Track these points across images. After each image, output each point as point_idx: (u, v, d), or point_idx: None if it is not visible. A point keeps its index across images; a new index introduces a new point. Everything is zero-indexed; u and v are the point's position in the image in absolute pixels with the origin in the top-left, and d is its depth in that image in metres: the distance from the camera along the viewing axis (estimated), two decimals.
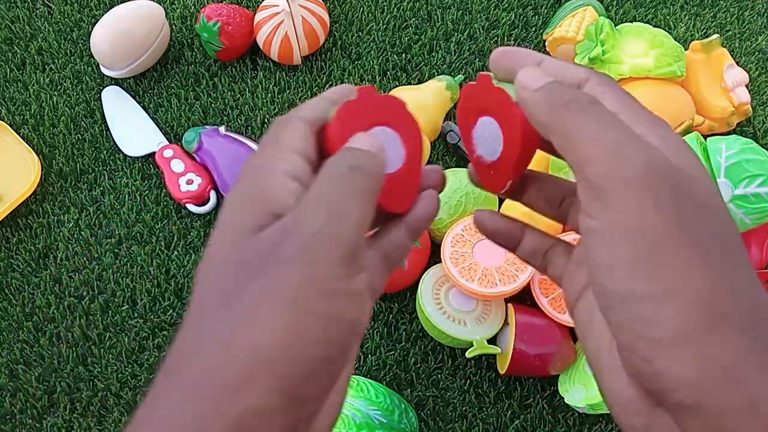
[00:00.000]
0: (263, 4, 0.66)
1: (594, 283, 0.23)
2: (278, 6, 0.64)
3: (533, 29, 0.69)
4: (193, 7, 0.72)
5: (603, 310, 0.23)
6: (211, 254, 0.23)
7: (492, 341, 0.56)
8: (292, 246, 0.21)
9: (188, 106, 0.68)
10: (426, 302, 0.55)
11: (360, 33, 0.70)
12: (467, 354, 0.54)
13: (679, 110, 0.60)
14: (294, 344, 0.20)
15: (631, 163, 0.22)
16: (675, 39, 0.63)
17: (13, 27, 0.72)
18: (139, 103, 0.69)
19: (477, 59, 0.69)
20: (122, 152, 0.66)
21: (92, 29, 0.66)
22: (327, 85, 0.68)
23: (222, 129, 0.65)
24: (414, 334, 0.60)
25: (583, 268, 0.26)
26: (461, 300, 0.57)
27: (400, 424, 0.52)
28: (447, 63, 0.69)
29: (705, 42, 0.63)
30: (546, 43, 0.68)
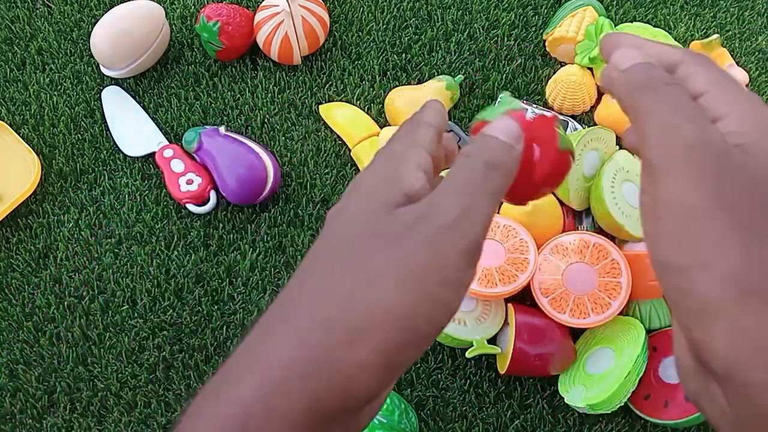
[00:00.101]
0: (263, 4, 0.66)
1: (648, 255, 0.25)
2: (278, 6, 0.64)
3: (533, 29, 0.69)
4: (193, 7, 0.72)
5: (657, 280, 0.24)
6: (344, 221, 0.26)
7: (492, 341, 0.56)
8: (425, 231, 0.24)
9: (188, 106, 0.68)
10: None
11: (360, 33, 0.70)
12: (467, 354, 0.54)
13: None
14: (406, 316, 0.23)
15: (681, 142, 0.23)
16: (675, 39, 0.63)
17: (13, 27, 0.72)
18: (139, 103, 0.69)
19: (477, 59, 0.69)
20: (122, 152, 0.66)
21: (92, 29, 0.66)
22: (327, 85, 0.68)
23: (222, 129, 0.65)
24: None
25: None
26: None
27: (400, 424, 0.52)
28: (447, 63, 0.69)
29: (705, 42, 0.63)
30: (546, 43, 0.68)
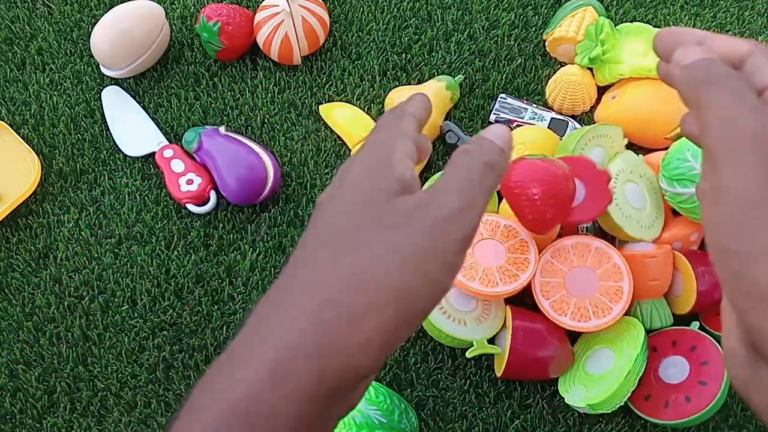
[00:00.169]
0: (263, 4, 0.66)
1: (706, 242, 0.25)
2: (278, 6, 0.64)
3: (533, 29, 0.69)
4: (193, 7, 0.72)
5: (714, 267, 0.25)
6: (340, 208, 0.28)
7: (491, 342, 0.56)
8: (425, 220, 0.26)
9: (188, 106, 0.68)
10: None
11: (360, 33, 0.70)
12: (467, 354, 0.54)
13: (679, 110, 0.59)
14: (406, 297, 0.25)
15: (741, 132, 0.24)
16: None
17: (13, 27, 0.72)
18: (139, 103, 0.69)
19: (477, 59, 0.69)
20: (122, 152, 0.66)
21: (92, 29, 0.66)
22: (327, 85, 0.68)
23: (222, 129, 0.65)
24: (414, 334, 0.60)
25: None
26: (461, 300, 0.57)
27: (400, 424, 0.52)
28: (447, 63, 0.69)
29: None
30: (546, 43, 0.68)
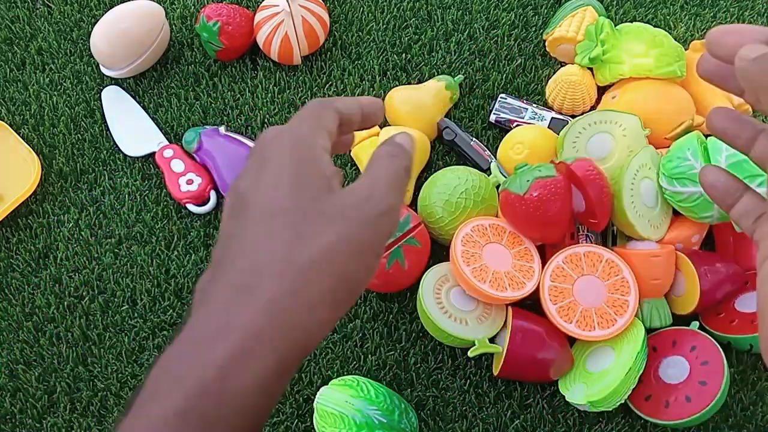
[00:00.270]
0: (263, 4, 0.66)
1: None
2: (278, 6, 0.64)
3: (533, 29, 0.69)
4: (193, 7, 0.72)
5: None
6: (277, 197, 0.30)
7: (492, 341, 0.56)
8: (366, 214, 0.30)
9: (188, 106, 0.68)
10: (427, 301, 0.55)
11: (360, 33, 0.70)
12: (470, 353, 0.54)
13: (679, 110, 0.60)
14: (352, 281, 0.29)
15: None
16: (675, 39, 0.63)
17: (13, 27, 0.72)
18: (139, 103, 0.69)
19: (477, 59, 0.69)
20: (122, 152, 0.66)
21: (92, 29, 0.66)
22: (327, 85, 0.68)
23: (222, 129, 0.65)
24: (414, 334, 0.60)
25: None
26: (462, 299, 0.57)
27: (400, 424, 0.52)
28: (447, 63, 0.69)
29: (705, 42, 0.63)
30: (546, 43, 0.68)
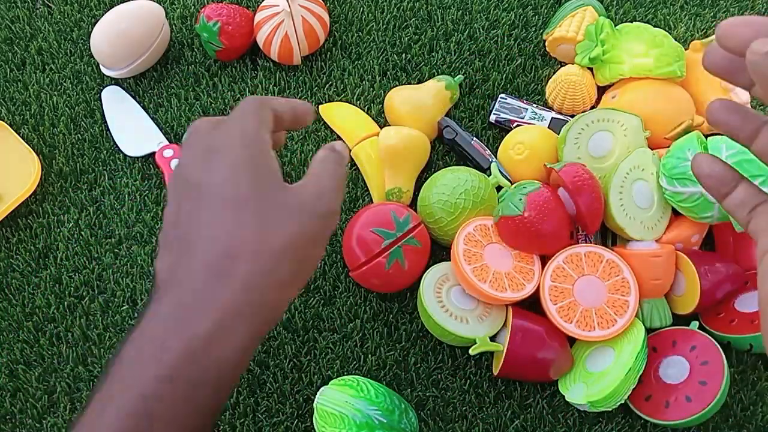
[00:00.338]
0: (263, 4, 0.66)
1: None
2: (278, 6, 0.64)
3: (533, 29, 0.69)
4: (193, 7, 0.72)
5: None
6: (237, 186, 0.36)
7: (492, 340, 0.56)
8: (321, 209, 0.38)
9: (188, 106, 0.68)
10: (428, 300, 0.55)
11: (360, 33, 0.70)
12: (471, 351, 0.54)
13: (679, 110, 0.60)
14: (311, 265, 0.39)
15: None
16: (675, 39, 0.63)
17: (13, 27, 0.72)
18: (139, 103, 0.69)
19: (477, 59, 0.69)
20: (122, 152, 0.66)
21: (92, 29, 0.66)
22: (327, 85, 0.68)
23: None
24: (414, 334, 0.60)
25: None
26: (462, 298, 0.57)
27: (400, 424, 0.52)
28: (447, 63, 0.69)
29: (705, 42, 0.63)
30: (546, 43, 0.68)
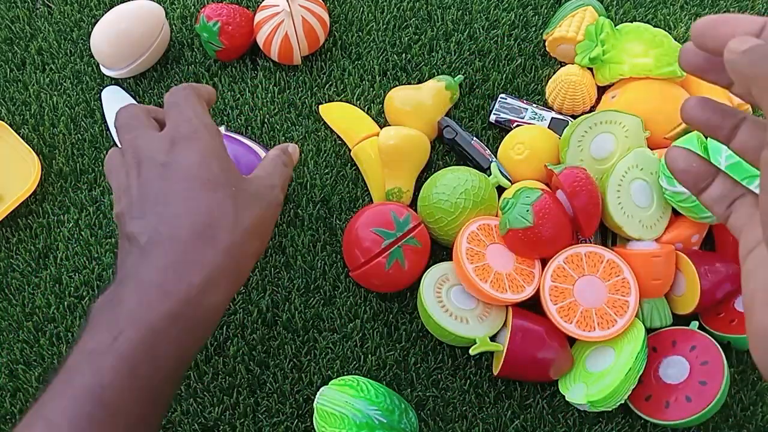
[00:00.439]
0: (263, 4, 0.66)
1: (765, 214, 0.24)
2: (278, 6, 0.64)
3: (533, 29, 0.69)
4: (193, 7, 0.72)
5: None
6: (212, 171, 0.43)
7: (492, 340, 0.56)
8: (271, 199, 0.47)
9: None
10: (428, 300, 0.55)
11: (360, 33, 0.70)
12: (471, 351, 0.54)
13: (678, 110, 0.60)
14: (266, 241, 0.47)
15: None
16: (675, 39, 0.63)
17: (13, 27, 0.72)
18: (140, 103, 0.68)
19: (477, 59, 0.69)
20: None
21: (92, 29, 0.66)
22: (327, 85, 0.68)
23: (222, 129, 0.65)
24: (414, 334, 0.60)
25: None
26: (463, 298, 0.57)
27: (400, 424, 0.52)
28: (447, 63, 0.69)
29: None
30: (546, 43, 0.68)
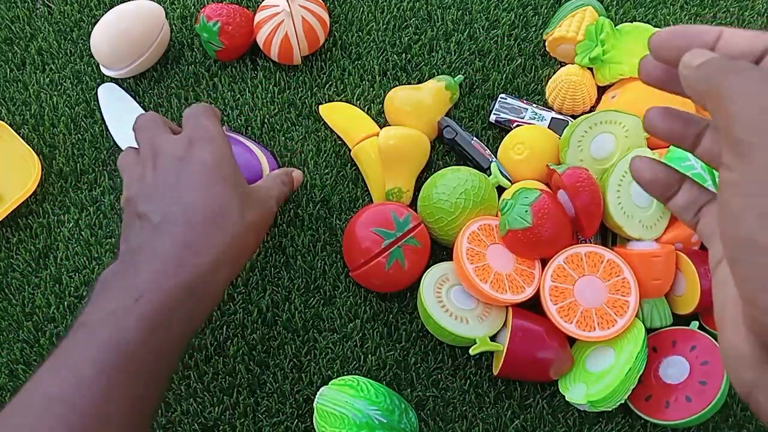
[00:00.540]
0: (263, 4, 0.66)
1: (723, 234, 0.24)
2: (278, 6, 0.64)
3: (533, 29, 0.69)
4: (193, 7, 0.72)
5: (730, 263, 0.24)
6: (228, 173, 0.48)
7: (492, 340, 0.56)
8: (268, 208, 0.51)
9: (188, 106, 0.68)
10: (428, 300, 0.55)
11: (360, 33, 0.70)
12: (471, 351, 0.54)
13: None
14: (259, 237, 0.50)
15: None
16: None
17: (13, 27, 0.72)
18: (139, 103, 0.69)
19: (477, 59, 0.69)
20: (122, 151, 0.66)
21: (92, 29, 0.66)
22: (327, 85, 0.68)
23: (224, 128, 0.65)
24: (414, 334, 0.60)
25: None
26: (463, 298, 0.57)
27: (400, 424, 0.52)
28: (447, 63, 0.69)
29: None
30: (546, 43, 0.68)
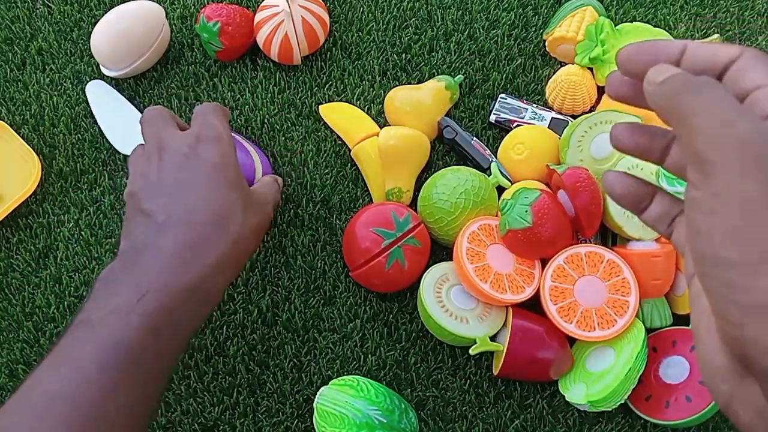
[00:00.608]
0: (263, 4, 0.66)
1: (692, 251, 0.24)
2: (278, 6, 0.64)
3: (533, 29, 0.69)
4: (193, 7, 0.72)
5: (700, 278, 0.24)
6: (231, 176, 0.49)
7: (492, 340, 0.56)
8: (266, 212, 0.53)
9: (188, 107, 0.68)
10: (428, 300, 0.55)
11: (360, 33, 0.70)
12: (471, 351, 0.54)
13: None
14: (258, 239, 0.51)
15: (735, 135, 0.22)
16: (675, 39, 0.63)
17: (13, 27, 0.72)
18: (133, 103, 0.69)
19: (477, 59, 0.69)
20: (122, 153, 0.66)
21: (92, 29, 0.66)
22: (327, 85, 0.68)
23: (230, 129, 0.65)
24: (414, 334, 0.60)
25: None
26: (463, 298, 0.57)
27: (400, 424, 0.52)
28: (447, 63, 0.69)
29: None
30: (546, 43, 0.68)
